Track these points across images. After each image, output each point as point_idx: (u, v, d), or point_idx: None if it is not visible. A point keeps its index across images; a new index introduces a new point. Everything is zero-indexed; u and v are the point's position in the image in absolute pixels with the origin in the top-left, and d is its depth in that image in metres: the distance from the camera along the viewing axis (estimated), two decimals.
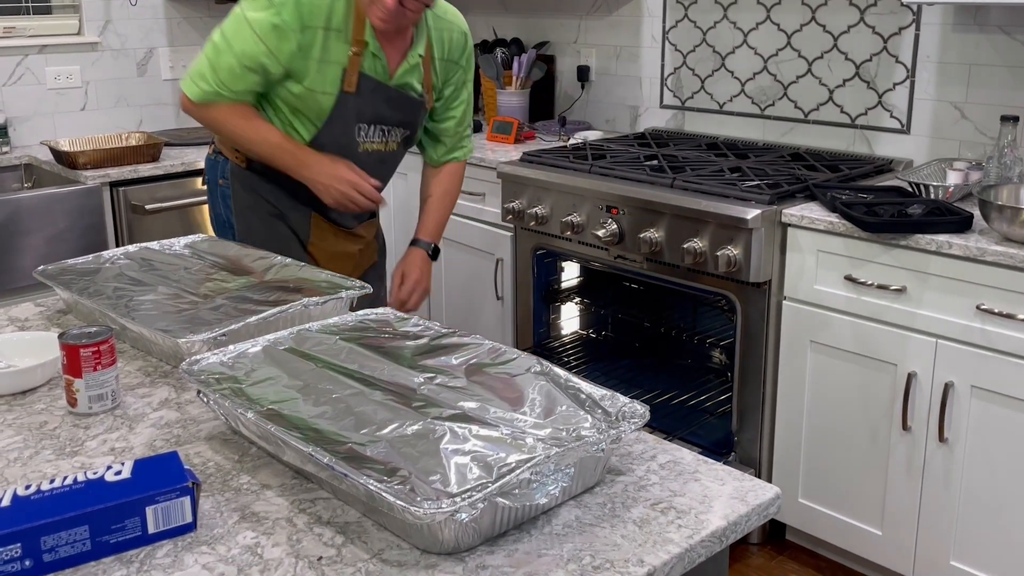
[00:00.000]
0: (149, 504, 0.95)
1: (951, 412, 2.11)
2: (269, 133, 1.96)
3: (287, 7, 1.85)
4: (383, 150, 2.08)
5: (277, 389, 1.16)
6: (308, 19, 1.87)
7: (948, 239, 2.05)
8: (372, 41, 1.93)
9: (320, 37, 1.89)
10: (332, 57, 1.91)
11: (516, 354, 1.25)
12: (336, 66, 1.92)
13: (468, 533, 0.95)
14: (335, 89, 1.93)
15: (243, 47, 1.87)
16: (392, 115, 2.03)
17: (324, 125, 1.96)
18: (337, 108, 1.95)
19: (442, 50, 2.08)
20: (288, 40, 1.87)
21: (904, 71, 2.66)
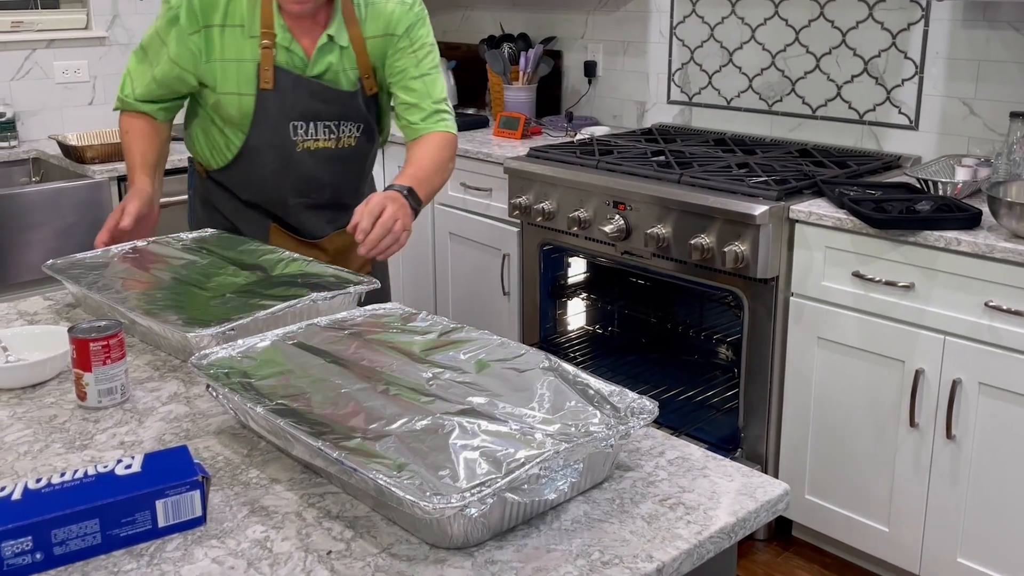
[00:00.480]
0: (159, 498, 0.95)
1: (959, 409, 2.10)
2: (131, 154, 1.89)
3: (182, 9, 1.78)
4: (334, 147, 1.93)
5: (286, 384, 1.16)
6: (204, 18, 1.79)
7: (957, 236, 2.04)
8: (282, 32, 1.81)
9: (219, 36, 1.80)
10: (240, 55, 1.81)
11: (524, 350, 1.25)
12: (248, 64, 1.82)
13: (477, 528, 0.95)
14: (252, 88, 1.83)
15: (154, 56, 1.84)
16: (325, 109, 1.88)
17: (251, 128, 1.86)
18: (259, 108, 1.84)
19: (377, 26, 1.90)
20: (187, 44, 1.79)
21: (913, 67, 2.65)
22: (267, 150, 1.89)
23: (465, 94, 3.89)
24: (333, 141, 1.93)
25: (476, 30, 3.90)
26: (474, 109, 3.82)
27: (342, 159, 1.96)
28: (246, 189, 1.95)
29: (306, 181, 1.93)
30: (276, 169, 1.91)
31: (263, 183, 1.93)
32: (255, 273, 1.62)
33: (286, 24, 1.82)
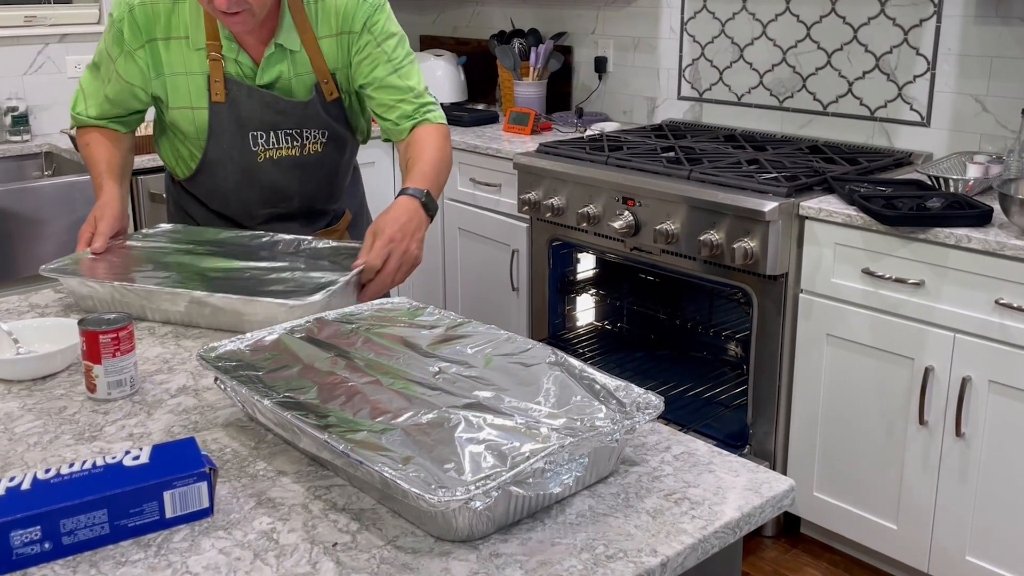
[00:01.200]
0: (167, 489, 0.96)
1: (968, 407, 2.09)
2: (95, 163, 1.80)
3: (124, 24, 1.72)
4: (299, 155, 1.83)
5: (293, 377, 1.16)
6: (147, 32, 1.72)
7: (967, 233, 2.03)
8: (227, 43, 1.72)
9: (164, 49, 1.73)
10: (188, 68, 1.74)
11: (531, 344, 1.25)
12: (198, 76, 1.74)
13: (482, 521, 0.95)
14: (204, 102, 1.75)
15: (105, 73, 1.78)
16: (283, 119, 1.79)
17: (208, 141, 1.79)
18: (213, 121, 1.77)
19: (330, 25, 1.78)
20: (134, 59, 1.73)
21: (925, 63, 2.64)
22: (227, 162, 1.81)
23: (475, 89, 3.89)
24: (297, 148, 1.83)
25: (486, 25, 3.90)
26: (484, 104, 3.82)
27: (308, 166, 1.86)
28: (212, 200, 1.89)
29: (272, 191, 1.85)
30: (238, 181, 1.83)
31: (227, 195, 1.86)
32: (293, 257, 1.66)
33: (231, 34, 1.72)
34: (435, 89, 3.72)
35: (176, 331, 1.51)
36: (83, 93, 1.84)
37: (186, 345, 1.45)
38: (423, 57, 3.77)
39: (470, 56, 3.87)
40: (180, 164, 1.89)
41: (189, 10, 1.72)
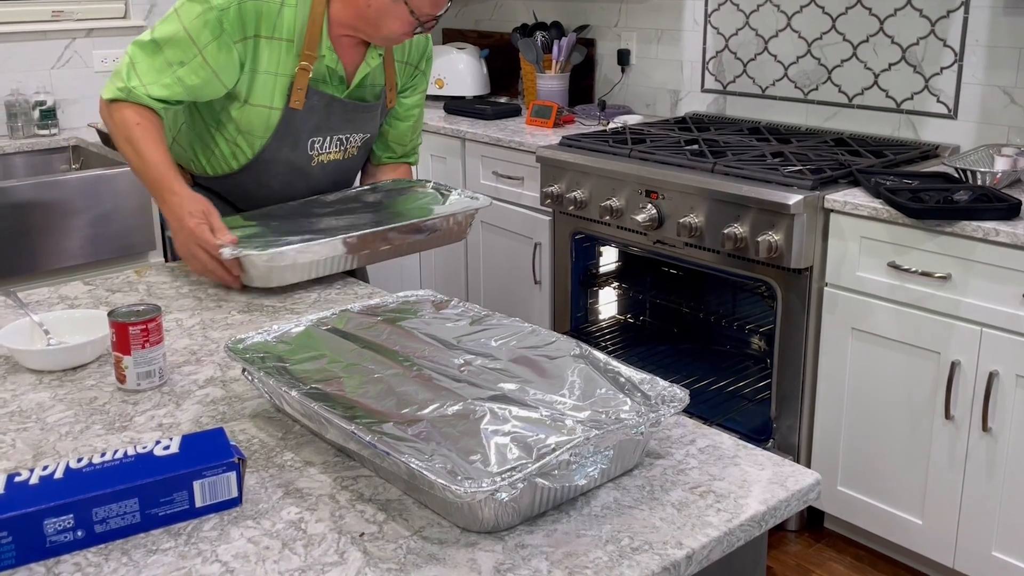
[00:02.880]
0: (197, 479, 0.97)
1: (995, 401, 2.08)
2: (151, 150, 1.70)
3: (227, 15, 1.67)
4: (342, 159, 1.92)
5: (320, 368, 1.17)
6: (254, 28, 1.71)
7: (995, 226, 2.01)
8: (329, 54, 1.77)
9: (266, 47, 1.73)
10: (279, 69, 1.75)
11: (555, 337, 1.25)
12: (284, 79, 1.76)
13: (508, 512, 0.96)
14: (281, 104, 1.77)
15: (181, 56, 1.69)
16: (348, 126, 1.88)
17: (270, 140, 1.81)
18: (283, 124, 1.79)
19: (403, 53, 1.93)
20: (231, 52, 1.70)
21: (952, 55, 2.61)
22: (280, 163, 1.84)
23: (497, 82, 3.89)
24: (341, 152, 1.91)
25: (509, 18, 3.90)
26: (506, 98, 3.82)
27: (345, 168, 1.96)
28: (244, 198, 1.89)
29: (312, 191, 1.90)
30: (286, 181, 1.86)
31: (269, 195, 1.87)
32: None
33: (332, 45, 1.77)
34: (457, 82, 3.74)
35: (203, 322, 1.53)
36: (135, 69, 1.71)
37: (213, 337, 1.47)
38: (446, 50, 3.78)
39: (492, 49, 3.87)
40: (213, 162, 1.86)
41: (295, 16, 1.73)
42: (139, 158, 1.71)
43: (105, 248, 2.86)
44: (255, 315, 1.56)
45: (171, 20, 1.70)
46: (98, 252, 2.85)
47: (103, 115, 1.78)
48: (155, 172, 1.70)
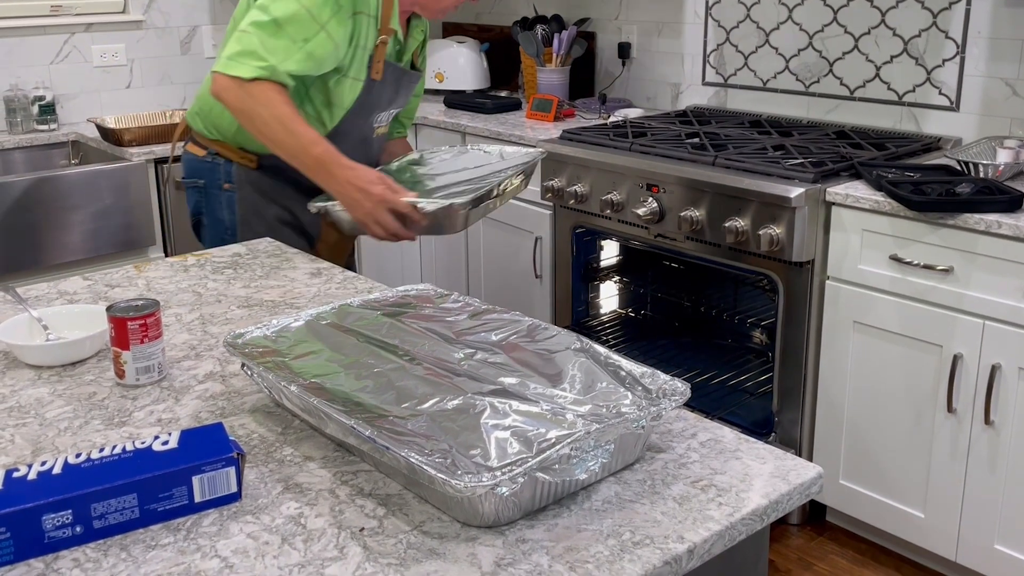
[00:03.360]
0: (196, 474, 0.97)
1: (997, 395, 2.07)
2: (305, 128, 1.79)
3: None
4: (384, 131, 2.09)
5: (319, 363, 1.17)
6: (356, 5, 1.82)
7: (997, 218, 2.00)
8: (399, 28, 1.92)
9: (362, 22, 1.85)
10: (366, 43, 1.88)
11: (556, 331, 1.25)
12: (367, 52, 1.88)
13: (508, 507, 0.95)
14: (363, 76, 1.90)
15: (304, 34, 1.75)
16: (400, 98, 2.05)
17: (349, 112, 1.92)
18: (362, 96, 1.92)
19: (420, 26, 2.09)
20: (346, 27, 1.81)
21: (954, 47, 2.60)
22: (352, 135, 1.94)
23: (498, 76, 3.88)
24: (386, 125, 2.08)
25: (509, 12, 3.88)
26: (507, 91, 3.81)
27: (382, 141, 2.12)
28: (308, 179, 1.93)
29: (368, 163, 1.92)
30: (352, 154, 1.86)
31: None
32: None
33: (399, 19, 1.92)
34: (457, 76, 3.73)
35: (203, 317, 1.52)
36: (263, 47, 1.73)
37: (212, 332, 1.46)
38: (446, 44, 3.77)
39: (493, 43, 3.85)
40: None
41: None
42: (294, 137, 1.77)
43: (105, 243, 2.86)
44: (254, 310, 1.55)
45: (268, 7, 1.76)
46: (98, 247, 2.84)
47: (232, 95, 1.76)
48: (319, 149, 1.78)
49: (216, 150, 1.98)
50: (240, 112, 1.80)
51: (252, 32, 1.76)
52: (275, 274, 1.73)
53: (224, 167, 1.98)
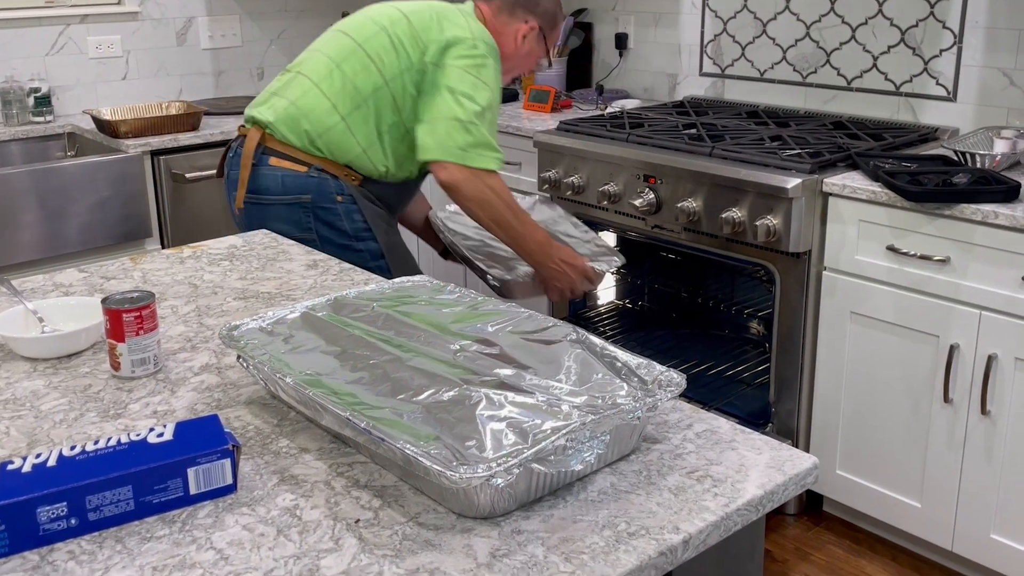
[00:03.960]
0: (191, 465, 0.97)
1: (994, 385, 2.07)
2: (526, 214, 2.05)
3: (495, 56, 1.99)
4: None
5: (315, 355, 1.17)
6: None
7: (994, 209, 2.00)
8: None
9: None
10: None
11: (552, 322, 1.25)
12: None
13: (504, 498, 0.95)
14: None
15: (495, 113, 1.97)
16: None
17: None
18: None
19: None
20: None
21: (951, 37, 2.60)
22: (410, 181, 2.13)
23: None
24: None
25: None
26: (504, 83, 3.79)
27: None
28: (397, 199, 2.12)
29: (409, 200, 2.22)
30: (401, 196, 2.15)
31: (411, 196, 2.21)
32: None
33: None
34: None
35: (199, 309, 1.52)
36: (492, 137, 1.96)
37: (208, 324, 1.46)
38: None
39: None
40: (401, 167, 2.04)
41: None
42: (523, 224, 2.02)
43: (102, 235, 2.85)
44: (250, 301, 1.55)
45: (482, 87, 1.92)
46: (95, 239, 2.84)
47: (471, 187, 1.93)
48: (540, 234, 2.06)
49: (320, 166, 1.99)
50: (475, 201, 1.96)
51: (476, 123, 1.91)
52: (271, 266, 1.72)
53: (333, 183, 2.00)
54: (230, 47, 3.61)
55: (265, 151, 2.01)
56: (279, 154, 2.00)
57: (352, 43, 2.01)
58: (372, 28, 2.01)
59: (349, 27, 2.06)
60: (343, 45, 2.02)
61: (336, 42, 2.04)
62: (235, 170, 2.06)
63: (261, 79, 3.69)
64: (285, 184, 1.99)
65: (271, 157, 2.00)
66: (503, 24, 2.08)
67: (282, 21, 3.71)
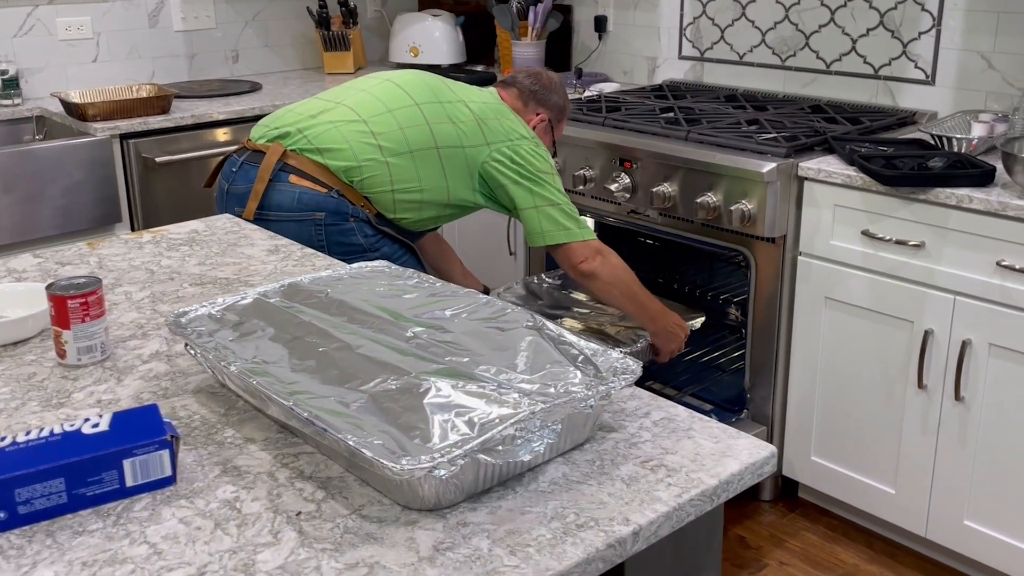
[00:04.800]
0: (126, 457, 0.94)
1: (968, 370, 2.06)
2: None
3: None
4: None
5: (263, 342, 1.14)
6: None
7: (969, 193, 1.98)
8: None
9: None
10: None
11: (509, 308, 1.22)
12: None
13: (449, 490, 0.93)
14: None
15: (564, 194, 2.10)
16: None
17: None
18: None
19: None
20: None
21: (930, 19, 2.57)
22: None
23: (473, 51, 3.82)
24: None
25: None
26: (483, 66, 3.75)
27: None
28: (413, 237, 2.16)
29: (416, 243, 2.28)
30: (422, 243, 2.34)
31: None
32: None
33: None
34: (432, 50, 3.67)
35: (153, 295, 1.48)
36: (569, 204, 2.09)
37: (162, 310, 1.42)
38: (421, 17, 3.71)
39: (468, 16, 3.79)
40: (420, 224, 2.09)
41: None
42: (646, 293, 2.20)
43: (70, 220, 2.80)
44: (207, 287, 1.52)
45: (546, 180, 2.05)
46: (63, 224, 2.79)
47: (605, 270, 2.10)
48: (657, 304, 2.24)
49: (340, 189, 1.97)
50: (612, 283, 2.12)
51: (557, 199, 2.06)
52: (232, 251, 1.69)
53: (350, 206, 1.98)
54: (204, 29, 3.55)
55: (285, 168, 1.97)
56: (302, 173, 1.96)
57: (407, 96, 2.05)
58: (428, 95, 2.07)
59: (401, 81, 2.09)
60: (396, 95, 2.05)
61: (388, 90, 2.07)
62: (240, 184, 2.00)
63: (236, 62, 3.64)
64: (301, 201, 1.95)
65: (291, 175, 1.96)
66: (518, 112, 2.16)
67: (257, 3, 3.65)
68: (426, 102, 2.05)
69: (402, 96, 2.05)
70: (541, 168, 2.05)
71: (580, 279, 2.14)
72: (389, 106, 2.03)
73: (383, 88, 2.08)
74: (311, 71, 3.76)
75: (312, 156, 1.97)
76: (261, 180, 1.95)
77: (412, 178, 2.00)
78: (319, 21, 3.62)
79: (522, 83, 2.22)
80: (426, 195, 2.03)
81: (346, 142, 1.97)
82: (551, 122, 2.24)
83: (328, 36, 3.63)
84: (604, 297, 2.20)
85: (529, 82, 2.22)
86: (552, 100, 2.24)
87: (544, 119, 2.21)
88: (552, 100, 2.24)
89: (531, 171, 2.04)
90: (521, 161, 2.04)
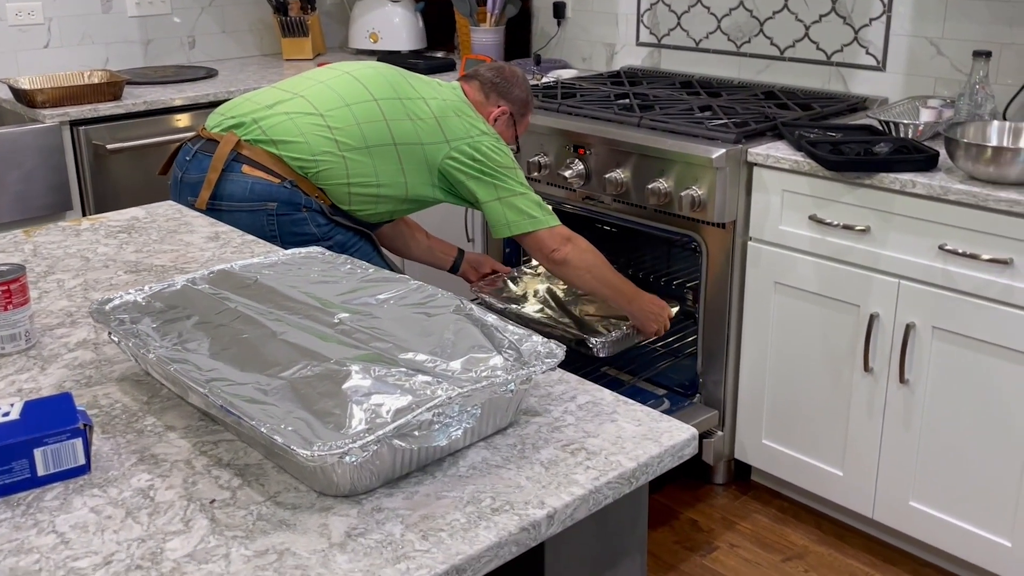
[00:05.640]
0: (37, 446, 0.93)
1: (912, 353, 2.08)
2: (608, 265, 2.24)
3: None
4: None
5: (186, 328, 1.13)
6: None
7: (912, 178, 2.00)
8: None
9: None
10: None
11: (438, 293, 1.22)
12: None
13: (364, 476, 0.93)
14: None
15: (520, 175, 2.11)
16: None
17: None
18: None
19: None
20: None
21: (880, 6, 2.58)
22: None
23: (434, 37, 3.80)
24: None
25: None
26: (443, 52, 3.74)
27: None
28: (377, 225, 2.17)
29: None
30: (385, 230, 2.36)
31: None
32: None
33: None
34: (392, 36, 3.65)
35: (86, 283, 1.47)
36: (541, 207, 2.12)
37: (93, 298, 1.41)
38: (380, 3, 3.68)
39: (428, 2, 3.77)
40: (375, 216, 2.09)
41: None
42: (616, 277, 2.23)
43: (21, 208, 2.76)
44: (142, 275, 1.50)
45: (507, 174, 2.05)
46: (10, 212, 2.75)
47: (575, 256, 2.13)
48: (631, 286, 2.27)
49: (294, 180, 1.95)
50: (585, 269, 2.15)
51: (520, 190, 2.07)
52: (171, 238, 1.67)
53: (303, 196, 1.96)
54: (158, 15, 3.51)
55: (238, 158, 1.95)
56: (255, 164, 1.94)
57: (365, 91, 2.03)
58: (388, 91, 2.05)
59: (361, 75, 2.07)
60: (355, 89, 2.03)
61: (346, 84, 2.04)
62: (193, 173, 1.98)
63: (192, 48, 3.60)
64: (253, 191, 1.94)
65: (244, 165, 1.95)
66: (480, 105, 2.16)
67: None
68: (384, 98, 2.03)
69: (361, 91, 2.03)
70: (502, 163, 2.05)
71: (552, 267, 2.15)
72: (347, 100, 2.01)
73: (342, 81, 2.06)
74: (269, 57, 3.72)
75: (266, 147, 1.95)
76: (214, 170, 1.93)
77: (369, 173, 1.99)
78: (277, 6, 3.58)
79: (484, 76, 2.22)
80: (383, 190, 2.02)
81: (302, 135, 1.96)
82: (513, 116, 2.24)
83: (286, 22, 3.60)
84: (578, 284, 2.22)
85: (491, 75, 2.22)
86: (514, 93, 2.23)
87: (506, 112, 2.21)
88: (514, 93, 2.23)
89: (492, 166, 2.04)
90: (481, 157, 2.03)
